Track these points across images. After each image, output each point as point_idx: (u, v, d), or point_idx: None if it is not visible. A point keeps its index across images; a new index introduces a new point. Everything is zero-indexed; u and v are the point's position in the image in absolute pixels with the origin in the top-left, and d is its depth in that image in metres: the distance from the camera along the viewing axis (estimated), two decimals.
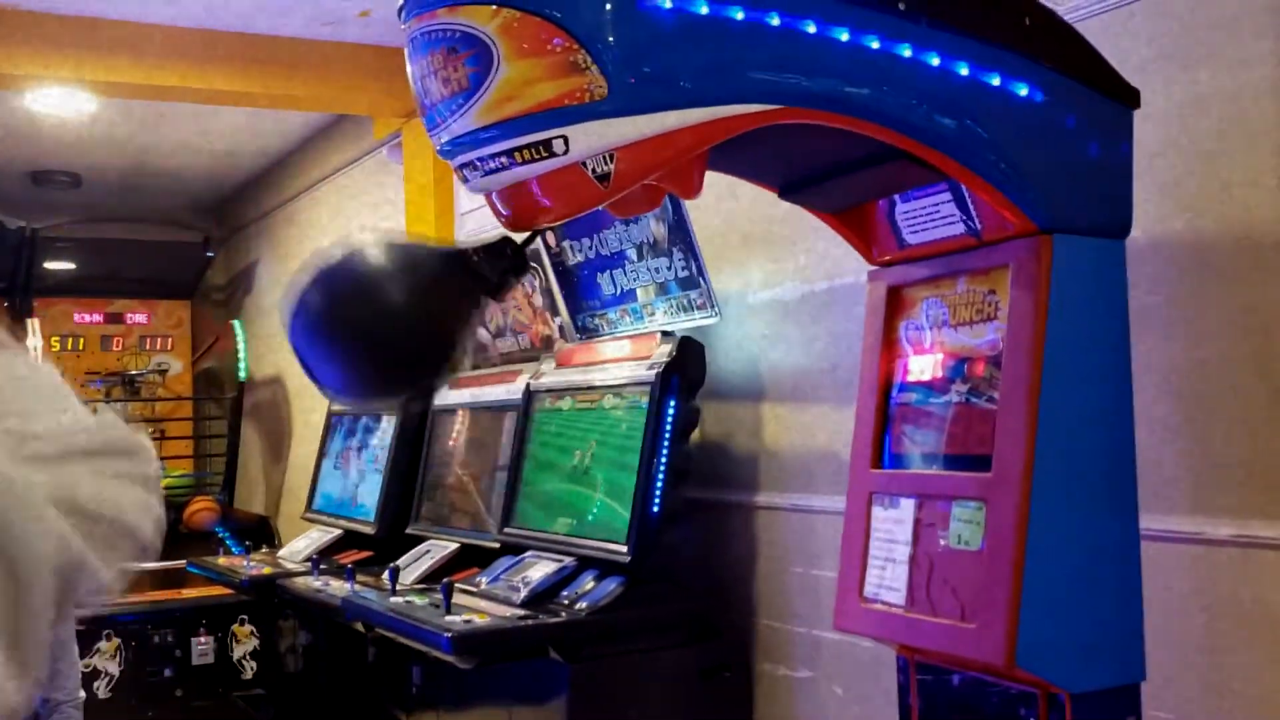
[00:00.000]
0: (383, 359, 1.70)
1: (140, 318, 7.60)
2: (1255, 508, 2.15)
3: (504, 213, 1.68)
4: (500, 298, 1.78)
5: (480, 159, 1.61)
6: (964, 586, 1.87)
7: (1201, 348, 2.24)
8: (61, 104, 5.35)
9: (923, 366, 2.09)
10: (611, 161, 1.55)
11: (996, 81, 1.79)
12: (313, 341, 1.68)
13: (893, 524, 2.05)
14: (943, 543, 1.93)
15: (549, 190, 1.60)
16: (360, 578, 3.98)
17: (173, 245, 7.48)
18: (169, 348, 7.72)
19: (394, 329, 1.67)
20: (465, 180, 1.68)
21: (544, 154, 1.54)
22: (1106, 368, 1.91)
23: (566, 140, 1.53)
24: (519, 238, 1.81)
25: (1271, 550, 2.12)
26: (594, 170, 1.55)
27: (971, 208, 1.95)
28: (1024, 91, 1.81)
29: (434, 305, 1.71)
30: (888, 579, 2.02)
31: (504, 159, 1.57)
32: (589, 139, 1.53)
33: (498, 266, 1.74)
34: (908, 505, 2.03)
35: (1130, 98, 1.96)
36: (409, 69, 1.69)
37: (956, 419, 1.99)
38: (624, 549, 3.14)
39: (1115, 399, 1.91)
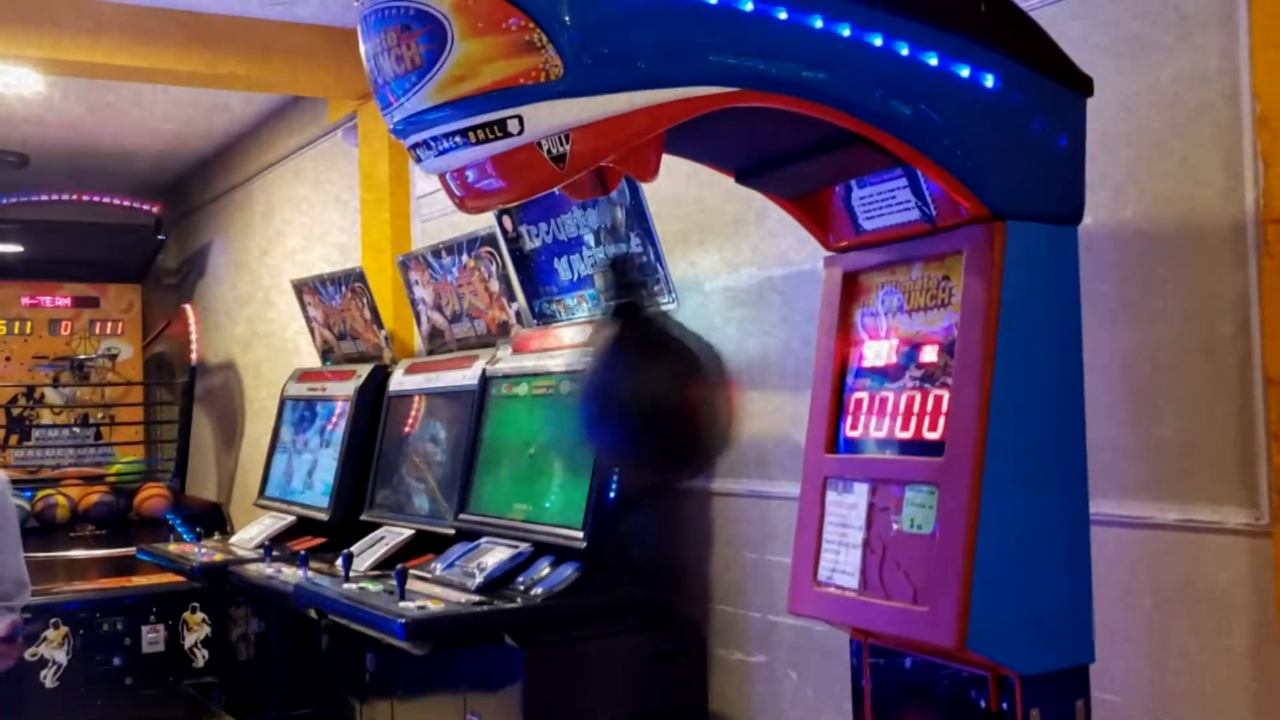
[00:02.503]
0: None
1: (90, 302, 7.47)
2: (1201, 493, 2.19)
3: (457, 194, 1.67)
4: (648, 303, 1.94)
5: (433, 138, 1.59)
6: (916, 570, 1.89)
7: (1150, 334, 2.27)
8: (7, 82, 5.23)
9: (878, 352, 2.10)
10: (567, 142, 1.54)
11: (953, 68, 1.80)
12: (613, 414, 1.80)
13: (847, 508, 2.06)
14: (895, 527, 1.94)
15: (503, 171, 1.58)
16: (313, 564, 3.94)
17: (123, 228, 7.35)
18: (119, 332, 7.60)
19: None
20: (419, 160, 1.66)
21: (498, 134, 1.53)
22: (1058, 353, 1.92)
23: (521, 120, 1.51)
24: (477, 223, 1.81)
25: (1216, 534, 2.16)
26: (549, 151, 1.54)
27: (926, 194, 1.96)
28: (979, 78, 1.82)
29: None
30: (841, 563, 2.03)
31: (458, 138, 1.56)
32: (544, 119, 1.51)
33: (634, 282, 1.82)
34: (861, 490, 2.04)
35: (1083, 86, 1.98)
36: (362, 47, 1.66)
37: (910, 404, 2.00)
38: (580, 535, 3.14)
39: (1066, 385, 1.93)
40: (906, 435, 2.00)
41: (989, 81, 1.83)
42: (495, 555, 3.34)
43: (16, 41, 4.53)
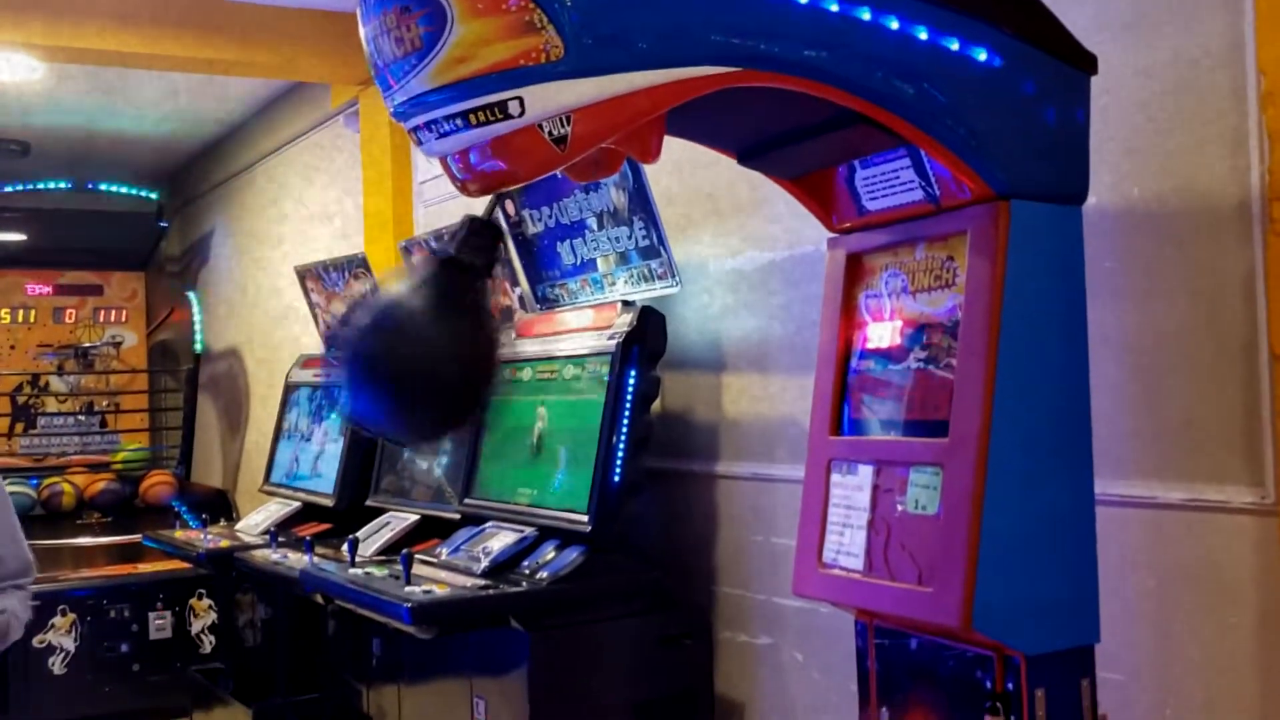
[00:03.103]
0: (434, 396, 1.71)
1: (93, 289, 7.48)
2: (1207, 472, 2.18)
3: (459, 176, 1.66)
4: (493, 274, 1.78)
5: (434, 121, 1.59)
6: (921, 551, 1.88)
7: (1156, 314, 2.26)
8: (7, 69, 5.22)
9: (881, 334, 2.09)
10: (568, 124, 1.53)
11: (955, 46, 1.78)
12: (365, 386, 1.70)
13: (851, 490, 2.06)
14: (900, 508, 1.94)
15: (505, 153, 1.58)
16: (319, 550, 3.95)
17: (125, 215, 7.35)
18: (123, 320, 7.60)
19: (438, 361, 1.68)
20: (420, 143, 1.65)
21: (499, 116, 1.52)
22: (1063, 334, 1.92)
23: (522, 102, 1.51)
24: (479, 207, 1.80)
25: (1221, 514, 2.15)
26: (550, 132, 1.53)
27: (930, 174, 1.95)
28: (982, 56, 1.81)
29: (460, 323, 1.71)
30: (846, 544, 2.03)
31: (458, 121, 1.55)
32: (545, 100, 1.50)
33: (481, 248, 1.73)
34: (866, 471, 2.03)
35: (1088, 64, 1.96)
36: (361, 29, 1.65)
37: (915, 386, 1.99)
38: (585, 519, 3.14)
39: (1071, 365, 1.92)
40: (911, 417, 1.99)
41: (993, 60, 1.81)
42: (500, 539, 3.34)
43: (17, 28, 4.52)
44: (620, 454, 3.17)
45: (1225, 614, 2.16)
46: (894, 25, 1.72)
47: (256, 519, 4.80)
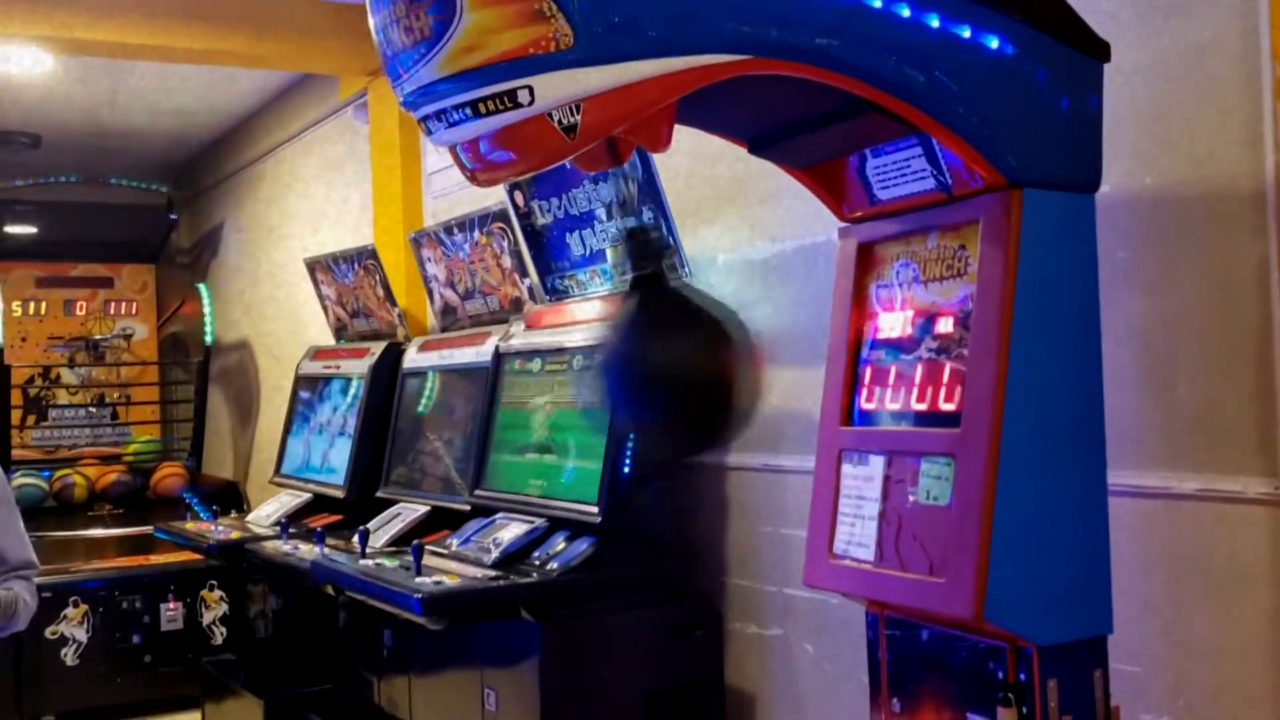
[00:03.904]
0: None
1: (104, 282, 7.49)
2: (1219, 462, 2.17)
3: (468, 166, 1.65)
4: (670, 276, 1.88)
5: (444, 110, 1.58)
6: (933, 542, 1.88)
7: (1168, 303, 2.25)
8: (18, 62, 5.23)
9: (892, 324, 2.08)
10: (578, 113, 1.52)
11: (967, 33, 1.77)
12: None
13: (862, 481, 2.05)
14: (911, 499, 1.93)
15: (514, 142, 1.57)
16: (330, 541, 3.96)
17: (136, 208, 7.36)
18: (134, 312, 7.62)
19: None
20: (429, 133, 1.65)
21: (509, 105, 1.51)
22: (1075, 323, 1.91)
23: (532, 90, 1.50)
24: (492, 199, 1.81)
25: (1235, 504, 2.14)
26: (560, 121, 1.53)
27: (942, 162, 1.94)
28: (994, 44, 1.80)
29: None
30: (857, 535, 2.02)
31: (468, 110, 1.54)
32: (554, 89, 1.50)
33: (651, 254, 1.82)
34: (877, 462, 2.03)
35: (1101, 51, 1.95)
36: (371, 19, 1.65)
37: (926, 376, 1.98)
38: (595, 510, 3.14)
39: (1083, 354, 1.91)
40: (922, 407, 1.98)
41: (1005, 47, 1.80)
42: (511, 530, 3.35)
43: (27, 21, 4.52)
44: (630, 445, 3.16)
45: (1239, 605, 2.15)
46: (905, 13, 1.71)
47: (267, 510, 4.82)
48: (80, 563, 5.79)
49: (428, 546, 3.36)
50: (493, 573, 3.15)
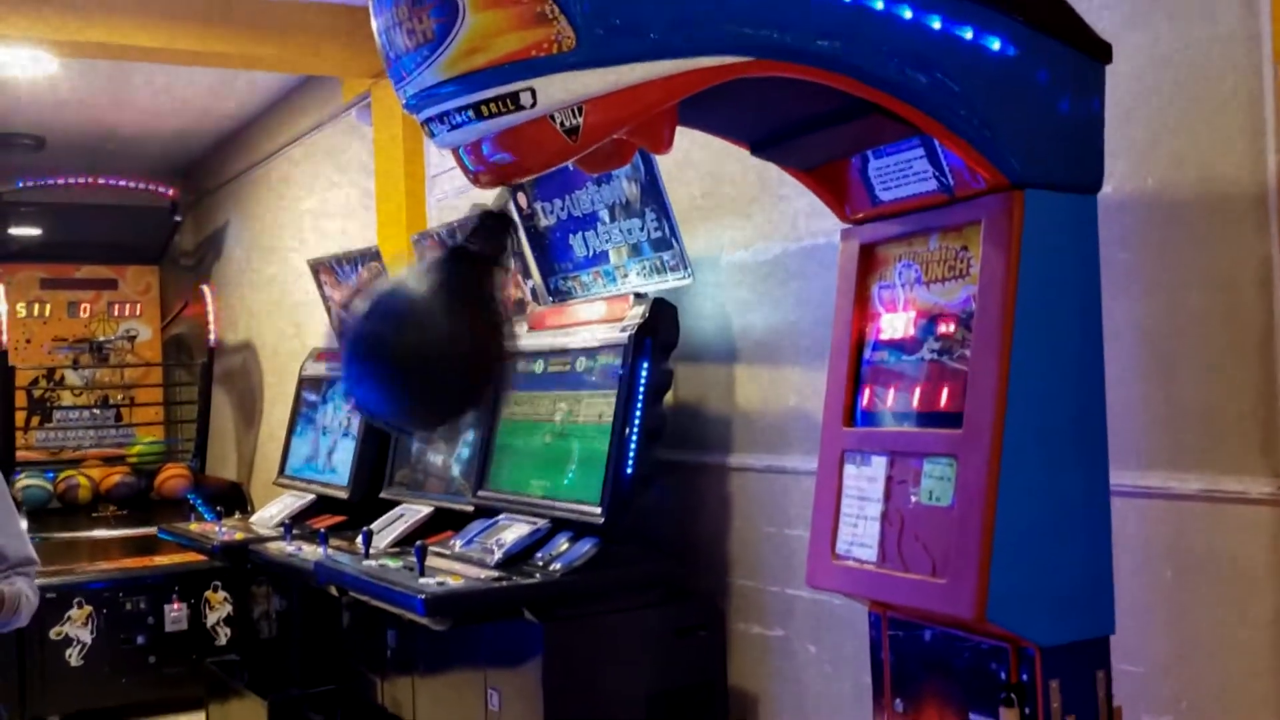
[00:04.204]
0: (441, 381, 1.72)
1: (108, 283, 7.50)
2: (1223, 462, 2.17)
3: (471, 168, 1.66)
4: (506, 264, 1.78)
5: (446, 113, 1.59)
6: (935, 542, 1.88)
7: (1171, 304, 2.25)
8: (22, 64, 5.24)
9: (895, 325, 2.08)
10: (580, 115, 1.53)
11: (969, 35, 1.78)
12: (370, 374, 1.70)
13: (865, 481, 2.05)
14: (914, 499, 1.94)
15: (517, 144, 1.58)
16: (333, 542, 3.96)
17: (139, 210, 7.37)
18: (138, 314, 7.62)
19: (443, 349, 1.68)
20: (432, 135, 1.66)
21: (511, 107, 1.52)
22: (1077, 324, 1.91)
23: (534, 93, 1.50)
24: (488, 198, 1.80)
25: (1239, 504, 2.14)
26: (562, 124, 1.53)
27: (944, 163, 1.95)
28: (996, 45, 1.80)
29: (466, 312, 1.72)
30: (860, 536, 2.03)
31: (470, 112, 1.55)
32: (557, 91, 1.50)
33: (490, 238, 1.73)
34: (880, 463, 2.03)
35: (1103, 53, 1.95)
36: (374, 22, 1.65)
37: (929, 377, 1.99)
38: (598, 510, 3.14)
39: (1086, 355, 1.92)
40: (924, 408, 1.99)
41: (1007, 49, 1.81)
42: (514, 531, 3.35)
43: (31, 23, 4.53)
44: (633, 446, 3.17)
45: (1242, 606, 2.15)
46: (907, 14, 1.71)
47: (271, 511, 4.82)
48: (84, 564, 5.80)
49: (431, 547, 3.36)
50: (496, 573, 3.15)
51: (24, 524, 3.73)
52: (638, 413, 3.18)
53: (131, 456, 6.98)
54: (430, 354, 1.67)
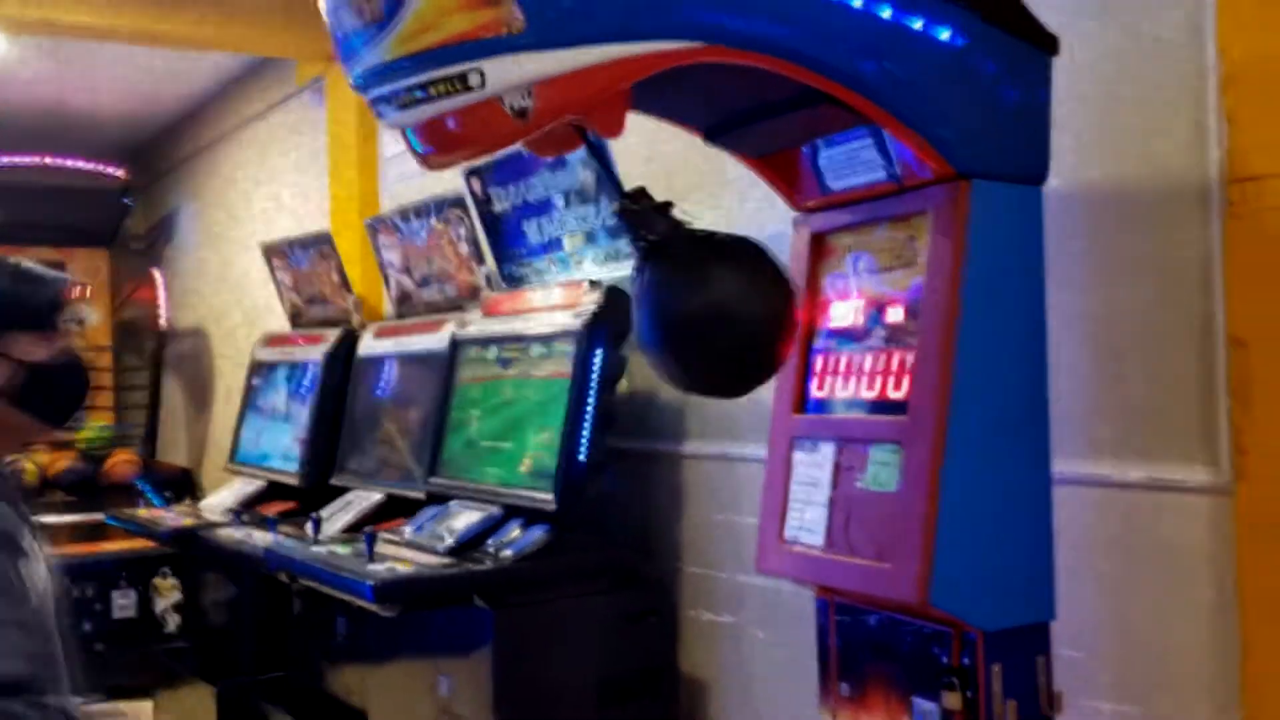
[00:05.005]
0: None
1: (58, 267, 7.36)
2: (1166, 451, 2.20)
3: (419, 150, 1.65)
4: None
5: (394, 92, 1.58)
6: (880, 528, 1.90)
7: (1116, 295, 2.28)
8: None
9: (844, 313, 2.10)
10: (530, 97, 1.52)
11: (918, 25, 1.79)
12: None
13: (814, 467, 2.07)
14: (860, 485, 1.95)
15: (465, 125, 1.57)
16: (283, 528, 3.94)
17: (89, 192, 7.26)
18: (87, 297, 7.51)
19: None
20: (380, 115, 1.64)
21: (459, 88, 1.51)
22: (1022, 313, 1.93)
23: (482, 74, 1.50)
24: (444, 185, 1.79)
25: (1180, 493, 2.18)
26: (511, 106, 1.52)
27: (892, 153, 1.96)
28: (945, 35, 1.81)
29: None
30: (807, 521, 2.04)
31: (418, 93, 1.54)
32: (505, 73, 1.50)
33: (660, 219, 1.77)
34: (828, 449, 2.05)
35: (1050, 45, 1.97)
36: (322, 0, 1.64)
37: (876, 365, 2.00)
38: (550, 498, 3.14)
39: (1030, 344, 1.94)
40: (872, 395, 2.00)
41: (955, 39, 1.82)
42: (465, 518, 3.34)
43: None
44: (586, 433, 3.17)
45: (1182, 592, 2.18)
46: (857, 3, 1.72)
47: (221, 497, 4.78)
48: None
49: (381, 534, 3.34)
50: (447, 560, 3.15)
51: None
52: (590, 400, 3.18)
53: (80, 442, 6.88)
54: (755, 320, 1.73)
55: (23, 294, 1.73)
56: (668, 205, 1.76)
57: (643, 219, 1.74)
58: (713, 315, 1.70)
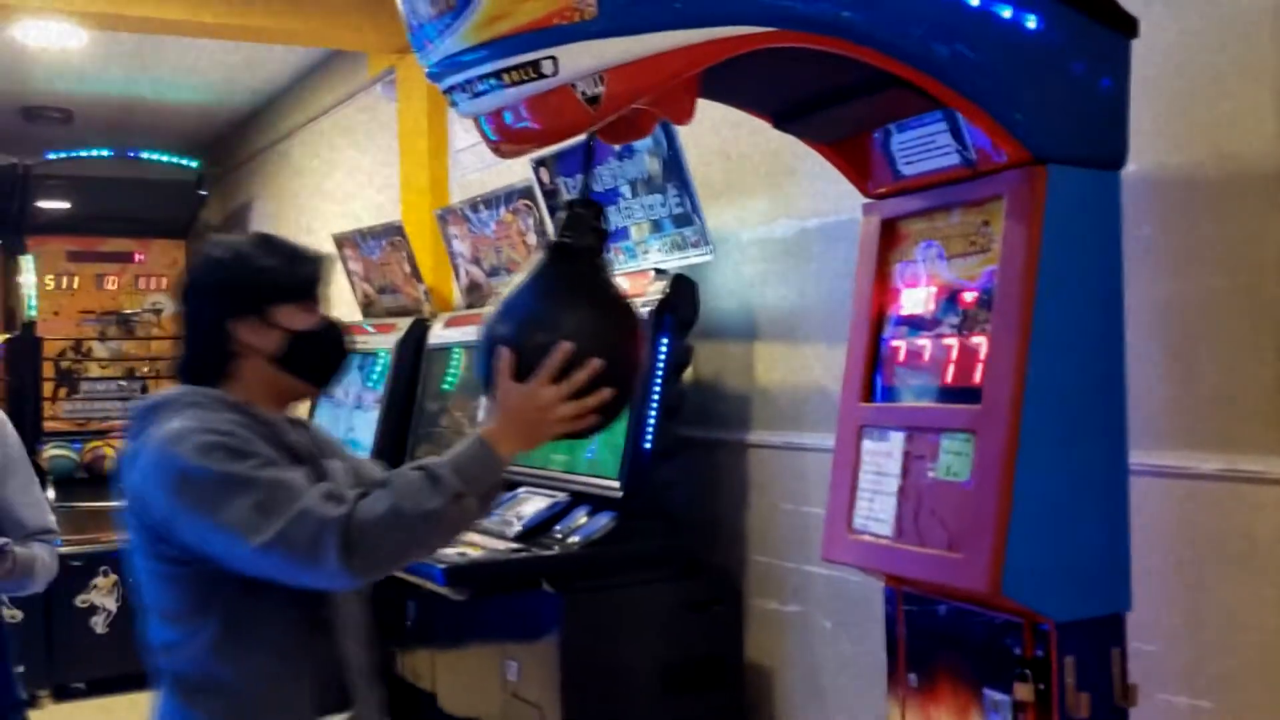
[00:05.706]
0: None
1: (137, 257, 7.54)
2: (1242, 442, 2.16)
3: (491, 137, 1.66)
4: (606, 251, 1.80)
5: (468, 80, 1.59)
6: (952, 517, 1.88)
7: (1192, 282, 2.24)
8: (52, 36, 5.27)
9: (915, 300, 2.08)
10: (601, 83, 1.53)
11: (993, 7, 1.77)
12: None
13: (882, 456, 2.05)
14: (931, 474, 1.94)
15: (538, 113, 1.58)
16: None
17: (166, 184, 7.41)
18: (163, 287, 7.67)
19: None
20: (454, 104, 1.66)
21: (533, 75, 1.52)
22: (1098, 300, 1.90)
23: (555, 61, 1.51)
24: (517, 174, 1.80)
25: (1257, 484, 2.13)
26: (583, 92, 1.53)
27: (967, 138, 1.94)
28: (1020, 18, 1.79)
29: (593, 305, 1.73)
30: (876, 510, 2.03)
31: (492, 80, 1.55)
32: (578, 60, 1.51)
33: (586, 228, 1.73)
34: (897, 438, 2.03)
35: (1129, 28, 1.94)
36: None
37: (948, 352, 1.98)
38: (616, 485, 3.16)
39: (1106, 332, 1.91)
40: (943, 383, 1.99)
41: (1030, 22, 1.79)
42: (533, 504, 3.37)
43: None
44: (652, 421, 3.18)
45: (1259, 586, 2.14)
46: None
47: None
48: (110, 533, 5.86)
49: None
50: (515, 545, 3.18)
51: (49, 493, 3.76)
52: (657, 388, 3.19)
53: None
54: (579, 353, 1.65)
55: (294, 270, 1.84)
56: (604, 233, 1.76)
57: (577, 223, 1.73)
58: (555, 340, 1.65)
